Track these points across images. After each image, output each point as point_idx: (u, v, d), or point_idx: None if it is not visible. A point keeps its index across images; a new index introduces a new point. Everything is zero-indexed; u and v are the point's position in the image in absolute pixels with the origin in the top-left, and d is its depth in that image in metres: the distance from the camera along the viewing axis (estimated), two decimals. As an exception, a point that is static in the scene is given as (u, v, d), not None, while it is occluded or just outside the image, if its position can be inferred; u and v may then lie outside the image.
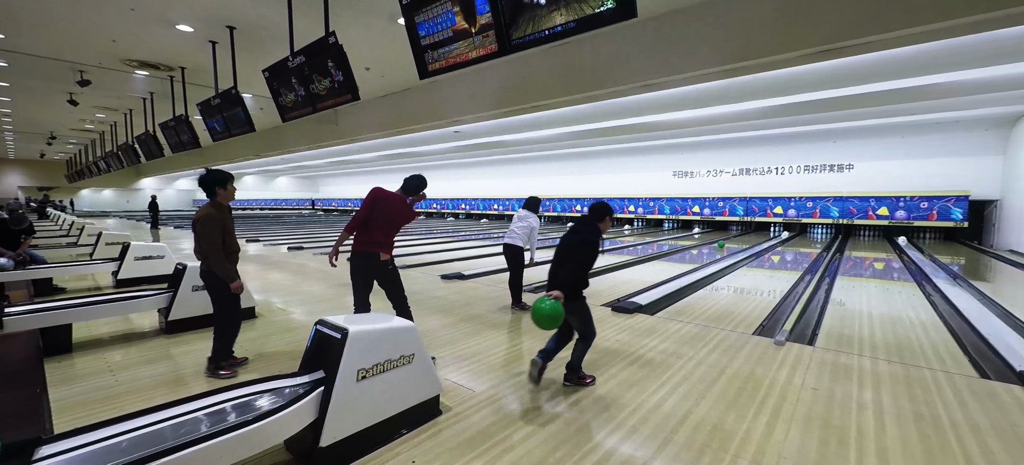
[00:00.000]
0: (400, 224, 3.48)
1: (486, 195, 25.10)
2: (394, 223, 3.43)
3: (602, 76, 5.85)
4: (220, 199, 3.22)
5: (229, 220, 3.26)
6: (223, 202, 3.24)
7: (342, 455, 2.17)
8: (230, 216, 3.30)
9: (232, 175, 3.27)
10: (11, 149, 26.09)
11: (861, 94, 8.07)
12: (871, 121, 11.93)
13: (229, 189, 3.26)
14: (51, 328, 3.64)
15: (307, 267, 8.25)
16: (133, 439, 1.71)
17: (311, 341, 2.40)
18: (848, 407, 2.80)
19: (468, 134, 13.37)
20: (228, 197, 3.27)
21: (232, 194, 3.29)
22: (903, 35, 4.05)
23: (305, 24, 5.75)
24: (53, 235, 13.14)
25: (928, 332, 4.34)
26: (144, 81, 9.45)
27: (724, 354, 3.68)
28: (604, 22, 3.15)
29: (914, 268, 8.31)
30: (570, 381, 3.08)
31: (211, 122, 7.85)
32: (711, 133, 13.69)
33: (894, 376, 3.27)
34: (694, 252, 10.99)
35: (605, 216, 3.11)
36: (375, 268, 3.37)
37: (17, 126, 17.31)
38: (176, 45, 7.18)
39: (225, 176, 3.23)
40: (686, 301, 5.58)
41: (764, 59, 4.71)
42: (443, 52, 4.03)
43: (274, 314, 4.94)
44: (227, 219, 3.24)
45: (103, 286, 6.49)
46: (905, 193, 13.73)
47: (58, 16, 6.20)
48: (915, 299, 5.76)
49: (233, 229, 3.29)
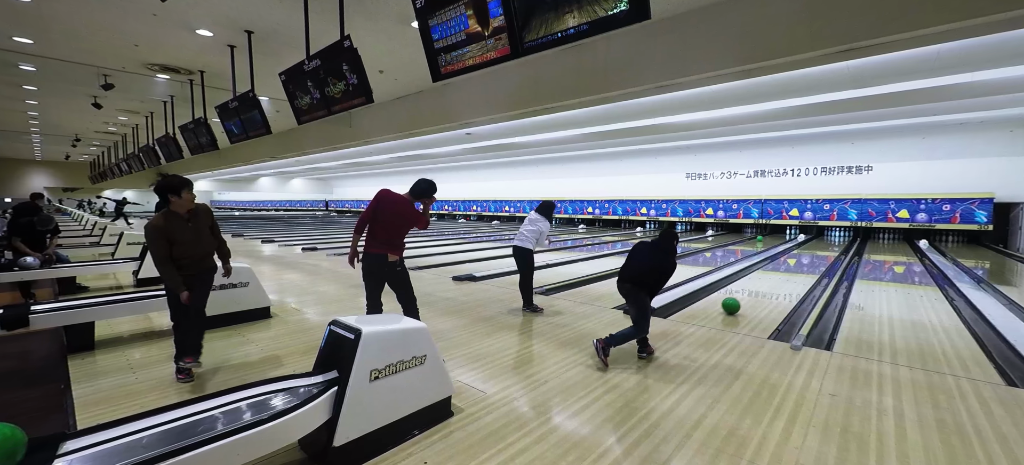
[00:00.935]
0: (406, 226, 3.47)
1: (497, 196, 25.14)
2: (399, 225, 3.43)
3: (615, 77, 5.82)
4: (174, 207, 3.08)
5: (179, 228, 3.06)
6: (176, 210, 3.09)
7: (355, 455, 2.19)
8: (183, 223, 3.10)
9: (189, 182, 3.14)
10: (38, 151, 26.91)
11: (881, 94, 7.90)
12: (891, 122, 11.65)
13: (184, 197, 3.08)
14: (75, 326, 3.73)
15: (321, 267, 8.35)
16: (153, 436, 1.75)
17: (325, 341, 2.42)
18: (868, 413, 2.73)
19: (480, 136, 13.41)
20: (182, 205, 3.09)
21: (188, 201, 3.12)
22: (925, 34, 3.96)
23: (321, 28, 5.83)
24: (76, 235, 13.50)
25: (951, 338, 4.22)
26: (165, 84, 9.68)
27: (739, 358, 3.63)
28: (618, 24, 3.13)
29: (936, 272, 8.09)
30: (644, 351, 3.67)
31: (229, 124, 8.01)
32: (726, 134, 13.51)
33: (916, 382, 3.19)
34: (708, 255, 10.85)
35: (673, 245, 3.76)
36: (384, 269, 3.40)
37: (44, 129, 17.85)
38: (196, 49, 7.34)
39: (177, 183, 3.07)
40: (700, 304, 5.52)
41: (782, 59, 4.64)
42: (456, 55, 4.05)
43: (288, 314, 5.00)
44: (175, 228, 3.04)
45: (124, 285, 6.66)
46: (926, 195, 13.39)
47: (84, 22, 6.39)
48: (937, 304, 5.61)
49: (188, 237, 3.10)
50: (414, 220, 3.53)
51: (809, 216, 15.36)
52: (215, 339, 4.04)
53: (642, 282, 3.63)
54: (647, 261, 3.69)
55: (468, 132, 12.64)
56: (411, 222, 3.51)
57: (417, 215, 3.55)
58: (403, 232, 3.49)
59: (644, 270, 3.66)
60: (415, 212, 3.52)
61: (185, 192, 3.11)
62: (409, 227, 3.52)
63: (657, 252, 3.70)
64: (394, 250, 3.41)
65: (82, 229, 15.68)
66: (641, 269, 3.67)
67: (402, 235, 3.48)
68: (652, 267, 3.65)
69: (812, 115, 9.53)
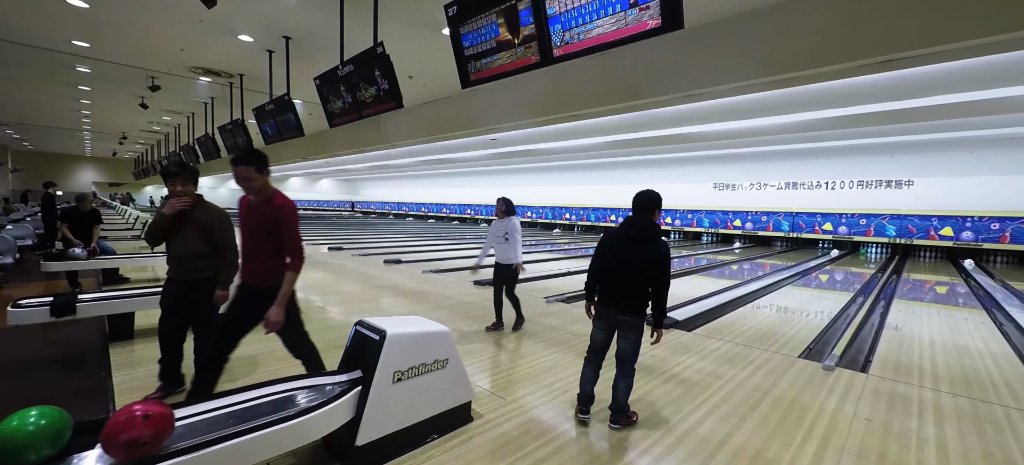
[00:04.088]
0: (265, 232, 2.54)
1: (520, 202, 25.17)
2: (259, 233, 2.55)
3: (643, 87, 5.76)
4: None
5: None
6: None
7: (377, 455, 2.22)
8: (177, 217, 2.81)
9: (182, 171, 2.83)
10: (88, 147, 28.51)
11: (924, 107, 7.54)
12: (934, 135, 11.10)
13: (174, 187, 2.77)
14: (117, 315, 3.92)
15: (346, 267, 8.53)
16: (186, 426, 1.82)
17: (350, 341, 2.47)
18: (907, 442, 2.60)
19: (505, 142, 13.47)
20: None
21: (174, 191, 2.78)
22: (972, 46, 3.76)
23: (354, 34, 5.99)
24: (119, 228, 14.21)
25: (999, 365, 3.97)
26: (206, 87, 10.14)
27: (767, 376, 3.51)
28: (650, 34, 3.11)
29: (982, 294, 7.65)
30: (618, 423, 2.67)
31: (265, 126, 8.31)
32: (756, 145, 13.15)
33: (960, 411, 3.01)
34: (734, 267, 10.57)
35: (655, 210, 2.66)
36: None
37: (94, 127, 18.91)
38: (237, 53, 7.66)
39: (170, 171, 2.80)
40: (725, 318, 5.37)
41: (814, 70, 4.50)
42: (486, 62, 4.09)
43: (313, 312, 5.12)
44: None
45: (162, 277, 6.94)
46: (973, 213, 12.68)
47: (135, 27, 6.76)
48: (984, 328, 5.30)
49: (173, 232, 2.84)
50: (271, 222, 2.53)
51: (843, 231, 14.78)
52: (245, 333, 4.16)
53: (634, 293, 2.58)
54: (638, 256, 2.57)
55: (493, 137, 12.72)
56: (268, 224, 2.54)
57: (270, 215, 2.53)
58: (267, 241, 2.55)
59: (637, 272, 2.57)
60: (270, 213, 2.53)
61: (173, 182, 2.76)
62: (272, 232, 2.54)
63: (641, 240, 2.58)
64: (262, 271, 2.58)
65: (124, 223, 16.49)
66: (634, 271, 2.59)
67: (267, 247, 2.56)
68: (646, 264, 2.56)
69: (848, 127, 9.17)
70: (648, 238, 2.58)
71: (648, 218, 2.62)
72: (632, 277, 2.57)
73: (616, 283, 2.63)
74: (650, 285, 2.58)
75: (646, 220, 2.62)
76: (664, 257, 2.55)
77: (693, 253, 13.59)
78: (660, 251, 2.55)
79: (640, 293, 2.58)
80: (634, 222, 2.65)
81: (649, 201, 2.64)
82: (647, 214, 2.63)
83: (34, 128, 20.49)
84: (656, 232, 2.60)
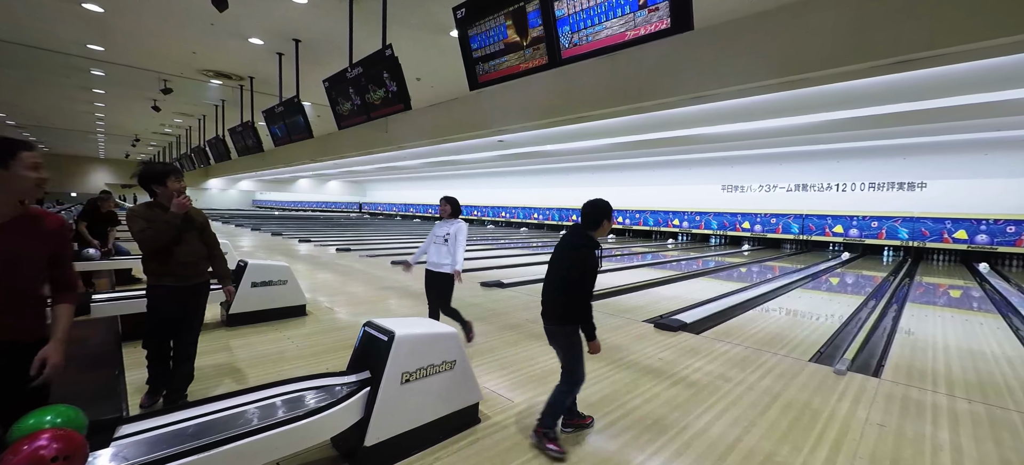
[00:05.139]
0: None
1: (526, 204, 25.16)
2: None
3: (650, 88, 5.74)
4: (161, 199, 2.70)
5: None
6: (163, 202, 2.69)
7: (385, 456, 2.23)
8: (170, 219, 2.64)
9: (175, 169, 2.74)
10: (101, 149, 29.00)
11: (938, 108, 7.43)
12: (948, 137, 10.93)
13: (169, 186, 2.68)
14: (130, 315, 3.98)
15: (353, 268, 8.58)
16: (198, 425, 1.84)
17: (359, 342, 2.48)
18: (921, 447, 2.56)
19: (512, 143, 13.49)
20: (168, 196, 2.68)
21: (173, 192, 2.68)
22: (986, 47, 3.70)
23: (363, 36, 6.04)
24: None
25: (1016, 370, 3.89)
26: (217, 89, 10.27)
27: (777, 380, 3.47)
28: (660, 35, 3.10)
29: (998, 298, 7.50)
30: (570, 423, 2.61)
31: (274, 128, 8.40)
32: (765, 146, 13.04)
33: (975, 417, 2.96)
34: (743, 270, 10.48)
35: (602, 220, 2.49)
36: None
37: (108, 129, 19.25)
38: (247, 56, 7.75)
39: (162, 171, 2.68)
40: (734, 321, 5.32)
41: (823, 72, 4.46)
42: (493, 64, 4.10)
43: (321, 313, 5.16)
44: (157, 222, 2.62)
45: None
46: (988, 215, 12.47)
47: (148, 31, 6.88)
48: (1000, 332, 5.20)
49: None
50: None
51: (854, 233, 14.59)
52: (256, 334, 4.21)
53: (554, 300, 2.53)
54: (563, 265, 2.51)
55: (500, 139, 12.74)
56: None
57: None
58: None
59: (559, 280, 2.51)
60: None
61: (170, 181, 2.66)
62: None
63: (570, 249, 2.50)
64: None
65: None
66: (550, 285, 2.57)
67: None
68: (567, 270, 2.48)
69: (859, 128, 9.07)
70: (578, 245, 2.45)
71: (585, 230, 2.49)
72: (553, 284, 2.52)
73: (544, 291, 2.58)
74: (566, 291, 2.45)
75: (582, 231, 2.49)
76: (583, 260, 2.40)
77: (701, 255, 13.49)
78: (580, 255, 2.41)
79: (558, 301, 2.49)
80: (571, 230, 2.55)
81: (595, 210, 2.48)
82: (589, 225, 2.49)
83: (50, 131, 20.90)
84: (588, 241, 2.44)
